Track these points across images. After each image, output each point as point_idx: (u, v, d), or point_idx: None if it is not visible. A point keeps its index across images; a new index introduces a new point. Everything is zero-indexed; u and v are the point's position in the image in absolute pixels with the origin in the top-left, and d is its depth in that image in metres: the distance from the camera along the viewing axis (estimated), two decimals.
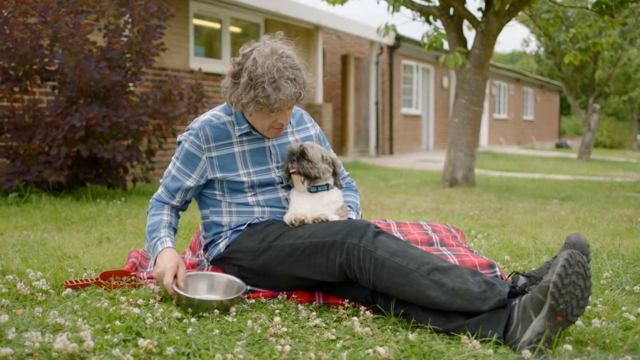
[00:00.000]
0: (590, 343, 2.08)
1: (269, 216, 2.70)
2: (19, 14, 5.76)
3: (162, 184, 2.77)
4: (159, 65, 9.03)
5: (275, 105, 2.48)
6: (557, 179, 10.03)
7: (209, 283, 2.59)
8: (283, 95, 2.46)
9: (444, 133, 19.51)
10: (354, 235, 2.34)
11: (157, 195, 2.80)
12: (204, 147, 2.66)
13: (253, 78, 2.46)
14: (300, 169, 2.59)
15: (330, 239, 2.38)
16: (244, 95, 2.50)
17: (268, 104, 2.48)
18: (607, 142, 31.35)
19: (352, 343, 2.08)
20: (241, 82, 2.49)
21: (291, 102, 2.53)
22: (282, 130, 2.70)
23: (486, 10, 7.77)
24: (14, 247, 3.61)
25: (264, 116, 2.58)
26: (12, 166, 5.94)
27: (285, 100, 2.48)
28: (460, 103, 7.99)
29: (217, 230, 2.73)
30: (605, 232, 4.49)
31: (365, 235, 2.32)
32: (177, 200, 2.75)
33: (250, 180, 2.67)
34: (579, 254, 2.02)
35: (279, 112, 2.56)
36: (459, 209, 5.80)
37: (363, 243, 2.31)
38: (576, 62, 9.11)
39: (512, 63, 44.48)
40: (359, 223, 2.39)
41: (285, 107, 2.55)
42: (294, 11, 11.57)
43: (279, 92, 2.45)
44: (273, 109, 2.49)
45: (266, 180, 2.69)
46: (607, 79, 18.28)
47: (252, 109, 2.52)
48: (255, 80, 2.45)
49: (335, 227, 2.41)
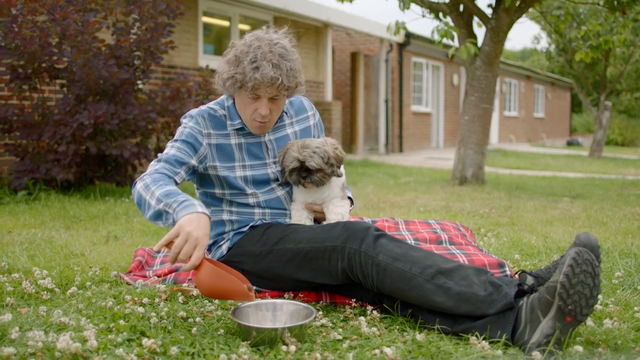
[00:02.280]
0: (602, 344, 2.04)
1: (270, 218, 2.66)
2: (27, 12, 5.77)
3: (162, 159, 2.50)
4: (168, 63, 9.04)
5: (250, 83, 2.39)
6: (568, 177, 9.95)
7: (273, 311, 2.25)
8: (259, 75, 2.38)
9: (454, 131, 19.43)
10: (353, 240, 2.29)
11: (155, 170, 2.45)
12: (204, 132, 2.58)
13: (238, 55, 2.45)
14: (315, 182, 2.56)
15: (330, 244, 2.33)
16: (226, 72, 2.48)
17: (243, 82, 2.41)
18: (619, 139, 31.09)
19: (359, 343, 2.05)
20: (228, 59, 2.49)
21: (268, 86, 2.42)
22: (266, 126, 2.58)
23: (496, 7, 7.71)
24: (21, 245, 3.61)
25: (244, 100, 2.51)
26: (21, 164, 5.95)
27: (260, 80, 2.38)
28: (470, 100, 7.94)
29: (218, 230, 2.69)
30: (617, 230, 4.44)
31: (365, 240, 2.27)
32: (179, 177, 2.51)
33: (243, 176, 2.62)
34: (586, 251, 1.97)
35: (257, 99, 2.47)
36: (469, 207, 5.76)
37: (364, 248, 2.26)
38: (587, 59, 9.02)
39: (523, 60, 44.27)
40: (358, 226, 2.33)
41: (263, 91, 2.44)
42: (303, 8, 11.54)
43: (257, 71, 2.38)
44: (247, 87, 2.41)
45: (260, 177, 2.64)
46: (618, 76, 18.11)
47: (230, 87, 2.48)
48: (239, 58, 2.44)
49: (335, 231, 2.35)
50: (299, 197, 2.69)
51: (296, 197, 2.70)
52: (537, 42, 18.69)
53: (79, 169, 6.17)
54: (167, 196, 2.24)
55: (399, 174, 10.06)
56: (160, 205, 2.24)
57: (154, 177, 2.38)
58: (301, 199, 2.68)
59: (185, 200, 2.21)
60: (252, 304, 2.21)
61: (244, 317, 2.14)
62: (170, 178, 2.44)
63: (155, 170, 2.43)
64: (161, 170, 2.44)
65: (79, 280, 2.75)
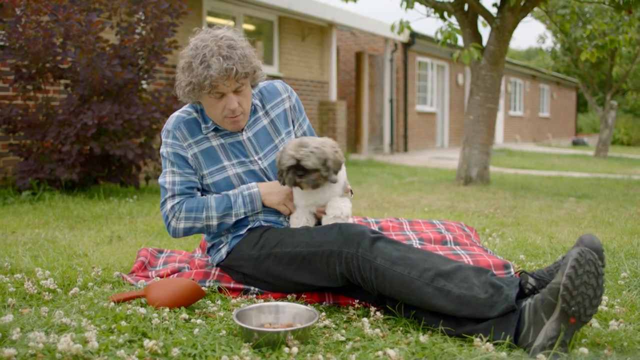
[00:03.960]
0: (608, 346, 2.01)
1: (264, 216, 2.65)
2: (31, 13, 5.77)
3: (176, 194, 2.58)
4: (172, 62, 9.03)
5: (206, 82, 2.39)
6: (573, 177, 9.91)
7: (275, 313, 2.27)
8: (213, 72, 2.37)
9: (459, 130, 19.39)
10: (350, 245, 2.26)
11: (178, 202, 2.58)
12: (184, 145, 2.59)
13: (188, 61, 2.44)
14: (311, 183, 2.46)
15: (327, 248, 2.31)
16: (182, 80, 2.47)
17: (201, 84, 2.41)
18: (625, 139, 30.97)
19: (362, 345, 2.03)
20: (182, 67, 2.48)
21: (225, 79, 2.41)
22: (240, 119, 2.57)
23: (501, 6, 7.68)
24: (24, 245, 3.61)
25: (210, 102, 2.50)
26: (26, 164, 5.96)
27: (216, 76, 2.38)
28: (475, 100, 7.91)
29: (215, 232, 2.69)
30: (622, 230, 4.41)
31: (362, 244, 2.25)
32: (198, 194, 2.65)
33: (236, 173, 2.62)
34: (589, 251, 1.95)
35: (222, 97, 2.47)
36: (474, 207, 5.73)
37: (361, 252, 2.24)
38: (593, 59, 8.99)
39: (528, 60, 44.15)
40: (353, 230, 2.30)
41: (223, 87, 2.43)
42: (308, 8, 11.52)
43: (209, 69, 2.38)
44: (206, 87, 2.40)
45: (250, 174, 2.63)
46: (624, 76, 18.04)
47: (192, 94, 2.49)
48: (190, 63, 2.43)
49: (331, 235, 2.33)
50: (300, 202, 2.61)
51: (297, 202, 2.62)
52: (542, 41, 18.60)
53: (83, 169, 6.17)
54: (219, 206, 2.57)
55: (403, 173, 10.04)
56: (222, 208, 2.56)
57: (188, 206, 2.57)
58: (302, 204, 2.61)
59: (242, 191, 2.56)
60: (255, 306, 2.21)
61: (246, 320, 2.13)
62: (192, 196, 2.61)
63: (179, 202, 2.59)
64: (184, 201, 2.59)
65: (81, 280, 2.74)
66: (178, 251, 3.37)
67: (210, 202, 2.55)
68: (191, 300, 2.38)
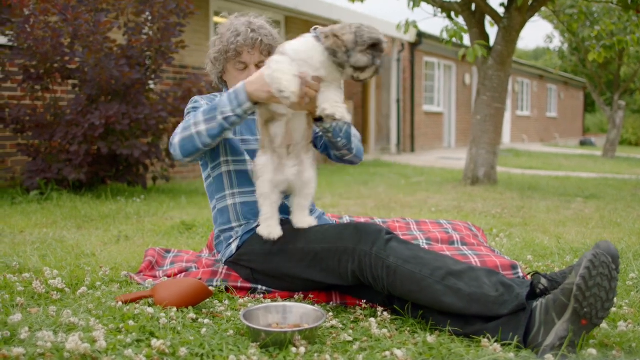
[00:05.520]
0: (616, 347, 2.01)
1: None
2: (39, 13, 5.79)
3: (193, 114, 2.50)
4: (180, 63, 9.05)
5: (231, 46, 2.58)
6: (581, 177, 9.87)
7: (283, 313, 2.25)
8: (241, 38, 2.58)
9: (466, 130, 19.35)
10: (365, 242, 2.27)
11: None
12: (204, 103, 2.71)
13: (220, 35, 2.67)
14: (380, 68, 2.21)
15: (342, 245, 2.32)
16: (212, 51, 2.69)
17: (225, 49, 2.61)
18: (633, 139, 30.83)
19: (369, 345, 2.03)
20: (213, 42, 2.70)
21: (250, 46, 2.60)
22: None
23: (509, 6, 7.66)
24: (32, 244, 3.62)
25: (233, 75, 2.66)
26: (34, 164, 5.98)
27: (241, 42, 2.58)
28: (482, 100, 7.89)
29: (223, 219, 2.68)
30: (631, 231, 4.39)
31: (377, 242, 2.26)
32: None
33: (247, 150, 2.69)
34: (603, 254, 1.95)
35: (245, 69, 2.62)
36: (481, 208, 5.72)
37: (375, 250, 2.24)
38: (600, 60, 8.95)
39: (536, 60, 44.01)
40: (370, 229, 2.32)
41: (247, 56, 2.61)
42: (314, 8, 11.53)
43: (238, 36, 2.59)
44: (229, 50, 2.59)
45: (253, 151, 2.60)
46: (632, 75, 17.97)
47: (218, 63, 2.67)
48: (222, 35, 2.66)
49: (347, 232, 2.34)
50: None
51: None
52: (549, 41, 18.54)
53: (91, 169, 6.19)
54: (212, 109, 2.39)
55: (410, 174, 10.02)
56: (207, 111, 2.40)
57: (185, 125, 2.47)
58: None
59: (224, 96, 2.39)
60: (262, 306, 2.21)
61: (253, 320, 2.13)
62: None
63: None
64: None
65: (89, 280, 2.75)
66: (185, 251, 3.38)
67: (201, 110, 2.46)
68: (198, 300, 2.38)
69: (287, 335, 1.99)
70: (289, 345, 1.97)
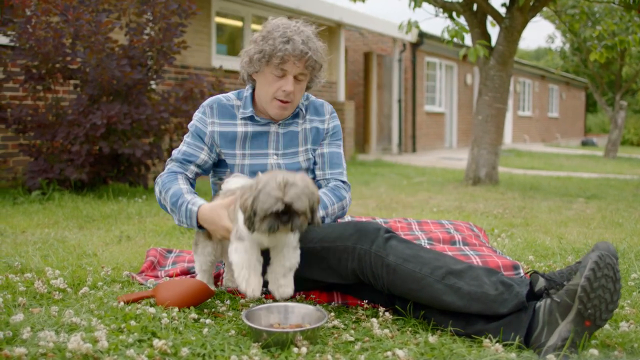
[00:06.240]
0: (618, 347, 2.01)
1: None
2: (41, 13, 5.80)
3: (173, 159, 2.69)
4: (181, 63, 9.05)
5: (279, 54, 2.48)
6: (582, 177, 9.86)
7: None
8: (290, 47, 2.49)
9: (468, 130, 19.34)
10: (364, 241, 2.27)
11: (167, 170, 2.67)
12: (208, 121, 2.68)
13: (266, 34, 2.55)
14: (297, 229, 2.12)
15: (341, 244, 2.32)
16: (253, 48, 2.57)
17: (272, 54, 2.50)
18: (635, 139, 30.77)
19: (371, 345, 2.03)
20: (256, 39, 2.58)
21: (297, 59, 2.51)
22: (287, 108, 2.62)
23: (510, 6, 7.66)
24: (34, 244, 3.63)
25: (268, 79, 2.58)
26: (35, 164, 5.99)
27: (290, 52, 2.48)
28: (483, 100, 7.89)
29: None
30: (632, 231, 4.39)
31: (376, 241, 2.26)
32: (190, 171, 2.69)
33: (241, 164, 2.65)
34: (608, 255, 1.95)
35: (282, 77, 2.54)
36: (482, 208, 5.72)
37: (374, 249, 2.25)
38: (602, 60, 8.94)
39: (537, 60, 43.97)
40: (369, 227, 2.32)
41: (291, 66, 2.52)
42: (316, 8, 11.54)
43: (288, 44, 2.49)
44: (277, 58, 2.49)
45: (259, 167, 2.63)
46: (634, 76, 17.95)
47: (257, 63, 2.55)
48: (268, 34, 2.54)
49: (347, 231, 2.34)
50: (255, 236, 2.18)
51: (245, 236, 2.20)
52: (551, 41, 18.55)
53: (92, 169, 6.19)
54: (174, 205, 2.53)
55: (411, 174, 10.02)
56: (176, 220, 2.55)
57: (163, 180, 2.62)
58: (255, 239, 2.20)
59: (187, 205, 2.49)
60: (264, 306, 2.22)
61: (255, 320, 2.13)
62: (182, 173, 2.66)
63: (167, 170, 2.66)
64: (173, 169, 2.67)
65: (91, 280, 2.76)
66: (187, 251, 3.38)
67: (172, 190, 2.56)
68: (200, 300, 2.38)
69: (288, 335, 1.99)
70: (290, 345, 1.97)
